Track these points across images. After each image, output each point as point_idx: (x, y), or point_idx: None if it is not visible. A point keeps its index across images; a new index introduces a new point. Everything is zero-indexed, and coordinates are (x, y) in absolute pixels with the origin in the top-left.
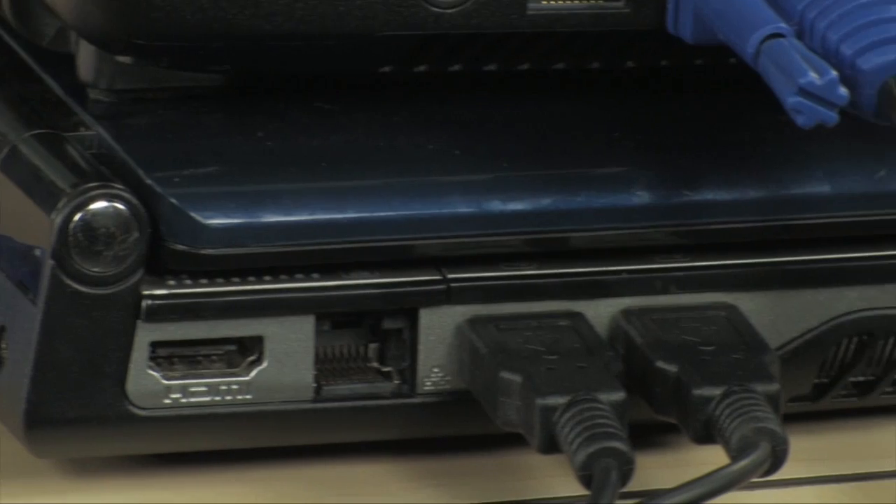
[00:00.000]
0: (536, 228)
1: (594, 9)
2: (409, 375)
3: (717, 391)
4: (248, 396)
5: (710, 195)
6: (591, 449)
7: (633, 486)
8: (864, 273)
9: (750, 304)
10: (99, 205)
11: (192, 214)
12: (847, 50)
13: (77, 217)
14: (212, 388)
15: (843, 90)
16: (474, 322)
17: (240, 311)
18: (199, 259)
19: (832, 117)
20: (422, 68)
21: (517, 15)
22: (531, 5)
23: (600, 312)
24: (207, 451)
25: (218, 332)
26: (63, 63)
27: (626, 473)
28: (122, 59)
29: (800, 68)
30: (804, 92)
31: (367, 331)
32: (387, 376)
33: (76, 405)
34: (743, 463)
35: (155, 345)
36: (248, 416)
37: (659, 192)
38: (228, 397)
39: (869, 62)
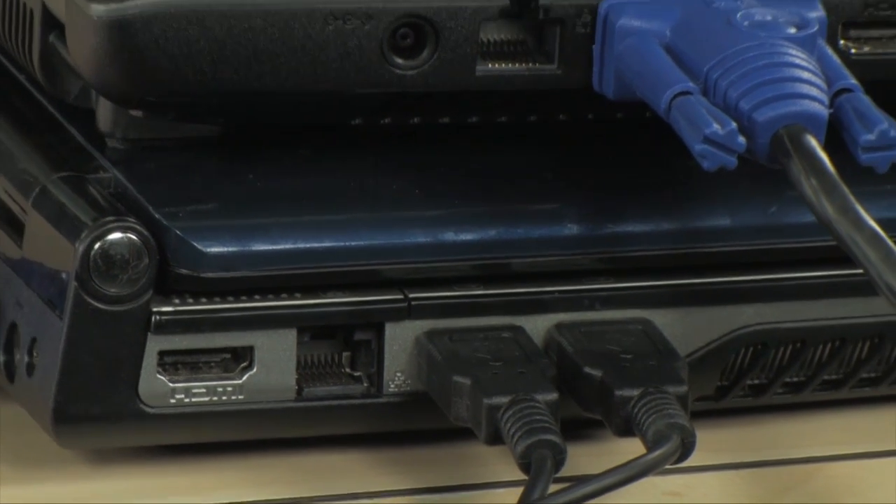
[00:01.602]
0: (483, 255)
1: (532, 71)
2: (376, 379)
3: (635, 392)
4: (240, 397)
5: (629, 227)
6: (530, 441)
7: (564, 472)
8: (758, 293)
9: (662, 319)
10: (115, 236)
11: (194, 244)
12: (745, 105)
13: (97, 246)
14: (210, 390)
15: (741, 139)
16: (431, 334)
17: (234, 325)
18: (200, 281)
19: (732, 162)
20: (387, 121)
21: (467, 76)
22: (479, 68)
23: (537, 326)
24: (206, 443)
25: (215, 343)
26: (85, 116)
27: (559, 462)
28: (134, 112)
29: (705, 120)
30: (709, 140)
31: (340, 341)
32: (357, 380)
33: (96, 404)
34: (657, 453)
35: (162, 353)
36: (241, 414)
37: (586, 224)
38: (224, 397)
39: (763, 115)
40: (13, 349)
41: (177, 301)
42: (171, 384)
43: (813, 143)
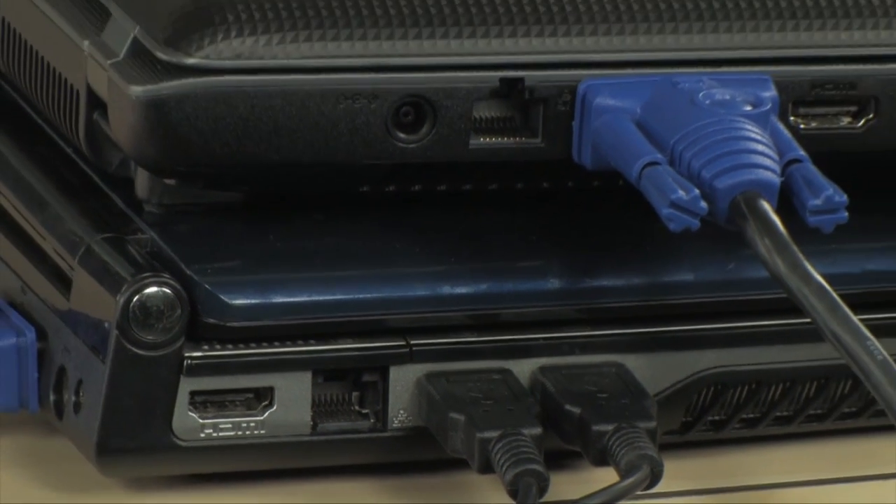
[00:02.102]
0: (476, 306)
1: (519, 144)
2: (381, 416)
3: (609, 427)
4: (262, 431)
5: (604, 281)
6: (517, 470)
7: (547, 497)
8: (718, 339)
9: (634, 363)
10: (151, 290)
11: (221, 296)
12: (706, 174)
13: (135, 299)
14: (235, 425)
15: (703, 204)
16: (430, 376)
17: (256, 368)
18: (226, 330)
19: (695, 224)
20: (391, 188)
21: (462, 149)
22: (472, 142)
23: (523, 369)
24: (232, 472)
25: (240, 384)
26: (124, 184)
27: (542, 488)
28: (168, 181)
29: (671, 188)
30: (675, 205)
31: (350, 382)
32: (365, 416)
33: (134, 438)
34: (629, 481)
35: (193, 393)
36: (263, 447)
37: (566, 279)
38: (248, 432)
39: (722, 183)
40: (62, 390)
41: (206, 347)
42: (200, 420)
43: (766, 207)
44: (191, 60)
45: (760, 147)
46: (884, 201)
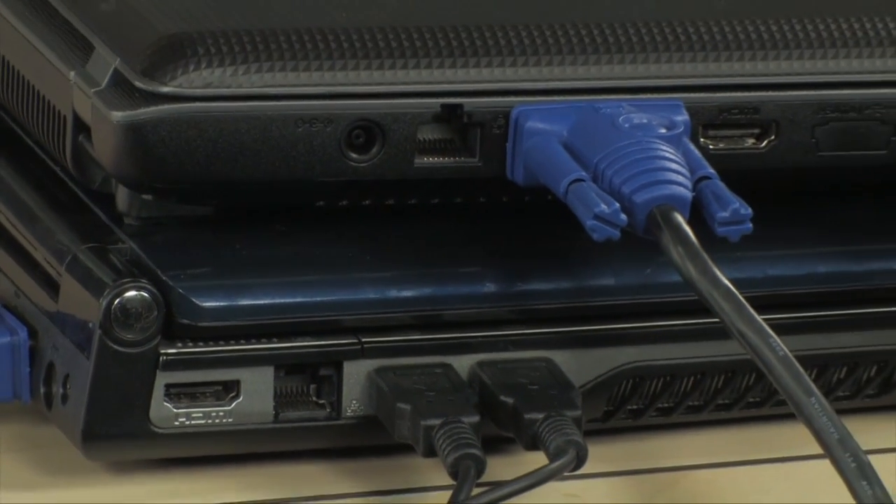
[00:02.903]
0: (420, 308)
1: (458, 163)
2: (336, 406)
3: (540, 415)
4: (230, 420)
5: (534, 286)
6: (457, 454)
7: (485, 478)
8: (636, 337)
9: (561, 358)
10: (131, 293)
11: (193, 300)
12: (626, 189)
13: (116, 302)
14: (206, 415)
15: (623, 216)
16: (380, 370)
17: (224, 363)
18: (198, 329)
19: (616, 234)
20: (344, 202)
21: (407, 168)
22: (416, 161)
23: (463, 364)
24: (203, 456)
25: (210, 377)
26: (107, 199)
27: (480, 470)
28: (146, 196)
29: (594, 202)
30: (598, 217)
31: (308, 376)
32: (322, 406)
33: (116, 426)
34: (557, 463)
35: (168, 386)
36: (230, 433)
37: (501, 283)
38: (217, 420)
39: (640, 197)
40: (51, 383)
41: (179, 345)
42: (175, 410)
43: (680, 219)
44: (165, 89)
45: (674, 165)
46: (784, 213)
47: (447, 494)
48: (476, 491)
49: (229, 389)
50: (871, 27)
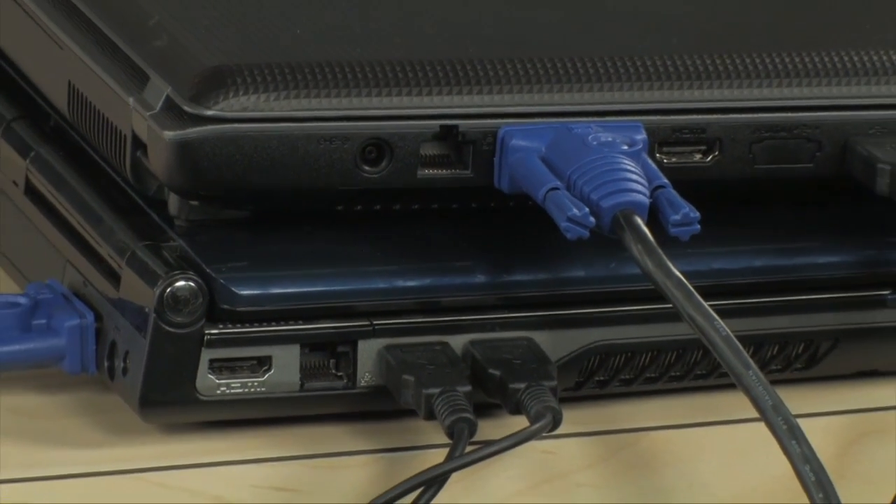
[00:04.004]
0: (422, 296)
1: (454, 175)
2: (352, 377)
3: (522, 385)
4: (263, 389)
5: (518, 277)
6: (453, 417)
7: (476, 438)
8: (602, 320)
9: (540, 338)
10: (180, 283)
11: (232, 288)
12: (594, 196)
13: (168, 290)
14: (243, 385)
15: (591, 219)
16: (388, 348)
17: (258, 342)
18: (236, 314)
19: (586, 234)
20: (358, 207)
21: (411, 178)
22: (419, 173)
23: (458, 342)
24: (240, 420)
25: (246, 354)
26: (160, 205)
27: (472, 431)
28: (192, 202)
29: (568, 207)
30: (570, 220)
31: (329, 353)
32: (340, 378)
33: (167, 394)
34: (537, 425)
35: (211, 361)
36: (262, 400)
37: (489, 275)
38: (252, 389)
39: (606, 203)
40: (114, 358)
41: (221, 326)
42: (217, 381)
43: (639, 221)
44: (209, 112)
45: (634, 176)
46: (726, 217)
47: (444, 452)
48: (469, 448)
49: (262, 364)
50: (800, 60)
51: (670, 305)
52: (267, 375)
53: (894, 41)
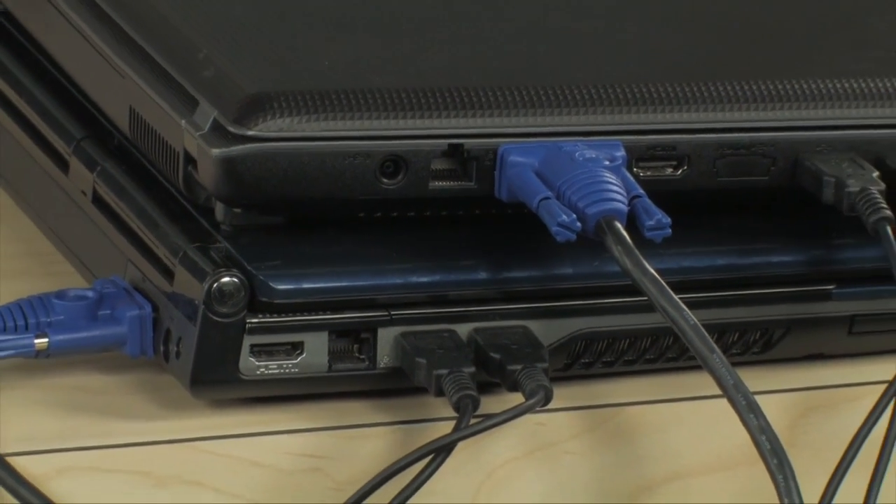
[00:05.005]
0: (433, 290)
1: (460, 186)
2: (372, 359)
3: (518, 366)
4: (296, 370)
5: (515, 274)
6: (459, 394)
7: (479, 411)
8: (588, 311)
9: (534, 326)
10: (225, 279)
11: (270, 284)
12: (580, 204)
13: (215, 285)
14: (280, 367)
15: (578, 224)
16: (404, 334)
17: (292, 330)
18: (273, 305)
19: (573, 237)
20: (378, 214)
21: (424, 190)
22: (430, 185)
23: (463, 330)
24: (276, 396)
25: (282, 340)
26: (209, 212)
27: (475, 406)
28: (236, 210)
29: (558, 214)
30: (560, 225)
31: (353, 339)
32: (362, 360)
33: (214, 374)
34: (531, 401)
35: (252, 345)
36: (297, 380)
37: (491, 272)
38: (287, 370)
39: (591, 210)
40: (168, 344)
41: (260, 316)
42: (257, 363)
43: (619, 226)
44: (250, 133)
45: (615, 187)
46: (694, 222)
47: (452, 424)
48: (473, 421)
49: (296, 348)
50: (758, 88)
51: (646, 298)
52: (300, 358)
53: (841, 71)
